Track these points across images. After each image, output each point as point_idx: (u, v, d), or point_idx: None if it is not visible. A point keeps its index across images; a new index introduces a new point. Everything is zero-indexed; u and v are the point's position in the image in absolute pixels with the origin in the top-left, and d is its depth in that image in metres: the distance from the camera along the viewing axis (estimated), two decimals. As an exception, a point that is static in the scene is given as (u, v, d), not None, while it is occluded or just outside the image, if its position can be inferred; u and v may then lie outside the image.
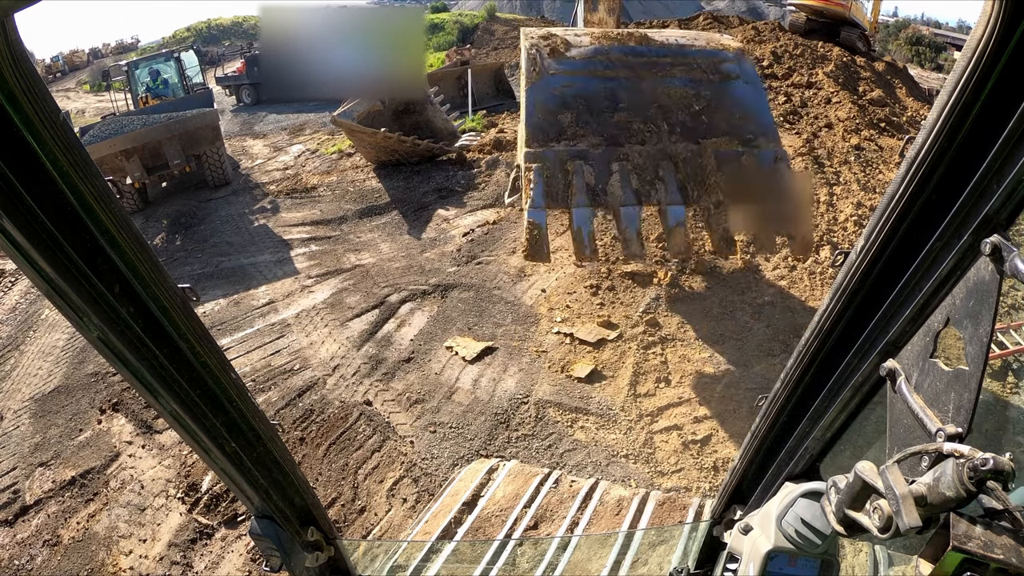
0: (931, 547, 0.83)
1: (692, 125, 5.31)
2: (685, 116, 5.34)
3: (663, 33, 6.27)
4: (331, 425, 6.89)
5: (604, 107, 5.24)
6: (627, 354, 7.48)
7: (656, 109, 5.33)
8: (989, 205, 0.82)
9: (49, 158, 0.82)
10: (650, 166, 5.12)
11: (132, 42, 49.17)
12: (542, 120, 5.10)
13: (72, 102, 30.80)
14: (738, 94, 5.50)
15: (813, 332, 1.21)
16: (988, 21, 0.74)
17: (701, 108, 5.39)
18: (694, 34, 6.10)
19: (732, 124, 5.38)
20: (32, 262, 0.87)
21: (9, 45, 0.72)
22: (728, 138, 5.32)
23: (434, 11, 36.22)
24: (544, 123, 5.09)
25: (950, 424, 0.89)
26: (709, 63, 5.57)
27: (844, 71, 14.74)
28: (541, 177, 4.98)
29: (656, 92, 5.38)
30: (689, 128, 5.30)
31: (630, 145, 5.16)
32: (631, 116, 5.24)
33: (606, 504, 4.36)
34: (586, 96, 5.23)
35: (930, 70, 29.11)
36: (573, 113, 5.15)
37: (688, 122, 5.32)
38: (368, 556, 2.64)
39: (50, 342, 9.35)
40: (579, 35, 5.77)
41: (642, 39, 5.67)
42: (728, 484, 1.67)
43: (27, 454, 7.00)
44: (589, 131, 5.11)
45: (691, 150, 5.20)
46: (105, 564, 5.53)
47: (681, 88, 5.40)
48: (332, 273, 10.33)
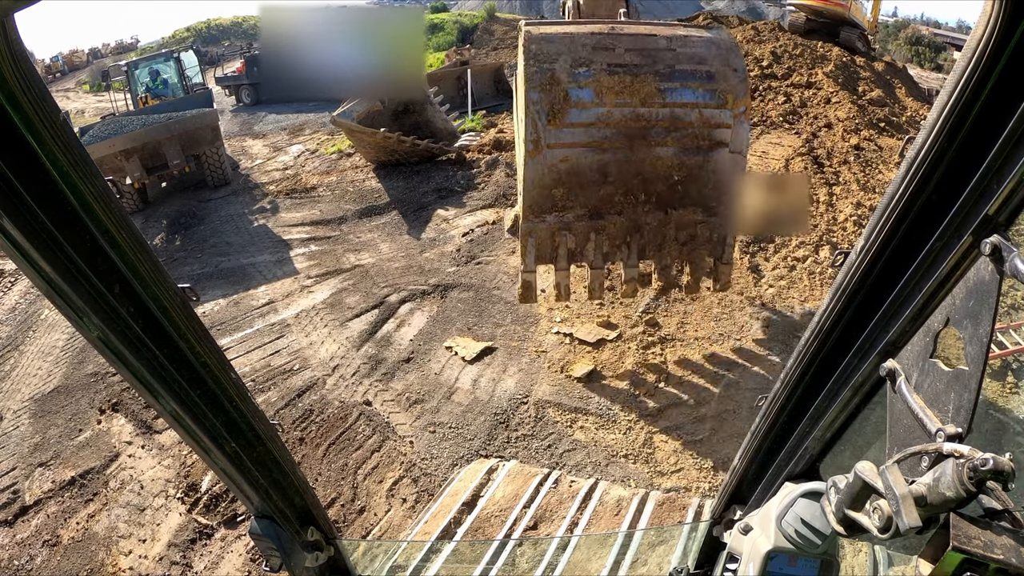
0: (931, 547, 0.83)
1: (667, 196, 6.05)
2: (663, 187, 6.02)
3: (676, 33, 6.22)
4: (331, 425, 6.89)
5: (593, 180, 5.94)
6: (627, 354, 7.48)
7: (638, 181, 5.99)
8: (989, 205, 0.82)
9: (49, 158, 0.82)
10: (620, 235, 6.08)
11: (132, 42, 49.18)
12: (538, 196, 5.83)
13: (72, 102, 30.81)
14: (719, 165, 6.03)
15: (813, 332, 1.21)
16: (988, 21, 0.74)
17: (680, 178, 6.03)
18: (715, 42, 6.05)
19: (703, 194, 6.09)
20: (32, 262, 0.87)
21: (9, 45, 0.72)
22: (693, 209, 6.11)
23: (434, 11, 36.25)
24: (540, 198, 5.84)
25: (950, 424, 0.89)
26: (704, 127, 5.91)
27: (844, 71, 14.75)
28: (534, 247, 5.97)
29: (643, 164, 5.96)
30: (663, 199, 6.05)
31: (609, 216, 6.02)
32: (615, 189, 5.96)
33: (606, 504, 4.37)
34: (579, 172, 5.90)
35: (930, 70, 29.14)
36: (565, 189, 5.89)
37: (664, 193, 6.03)
38: (368, 556, 2.64)
39: (50, 342, 9.35)
40: (582, 70, 5.84)
41: (648, 97, 5.78)
42: (728, 484, 1.67)
43: (27, 454, 7.00)
44: (577, 204, 5.93)
45: (658, 219, 6.06)
46: (105, 564, 5.53)
47: (669, 159, 5.97)
48: (332, 273, 10.33)
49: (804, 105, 13.06)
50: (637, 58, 5.75)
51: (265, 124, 22.02)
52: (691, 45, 5.93)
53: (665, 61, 5.78)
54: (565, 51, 5.68)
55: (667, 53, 5.83)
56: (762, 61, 14.67)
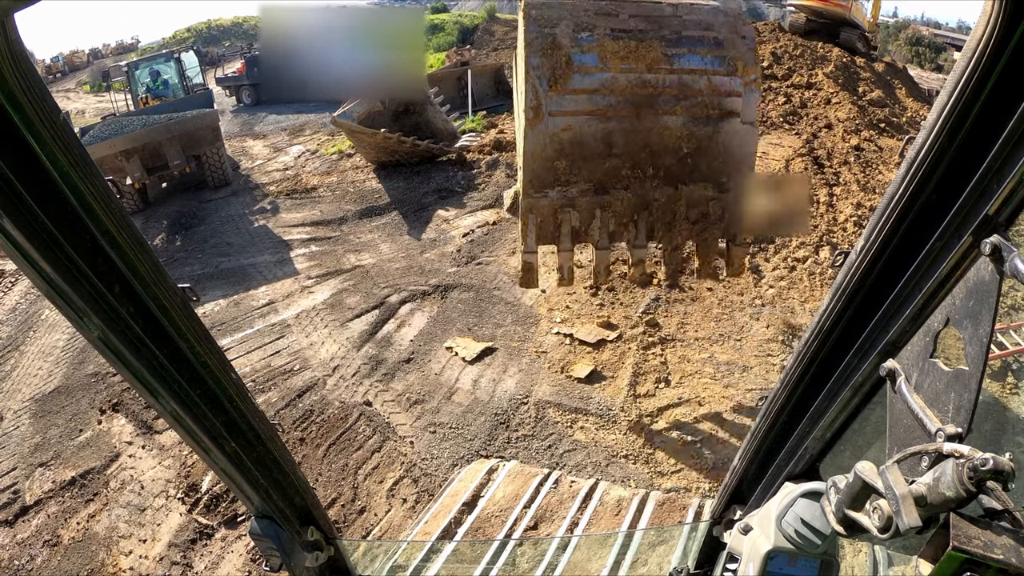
0: (931, 547, 0.83)
1: (676, 170, 5.60)
2: (672, 160, 5.57)
3: (682, 0, 5.90)
4: (331, 425, 6.89)
5: (598, 152, 5.48)
6: (627, 355, 7.48)
7: (646, 154, 5.54)
8: (989, 205, 0.82)
9: (49, 158, 0.82)
10: (628, 212, 5.61)
11: (132, 42, 49.20)
12: (539, 168, 5.40)
13: (72, 102, 30.82)
14: (730, 138, 5.66)
15: (813, 332, 1.21)
16: (988, 21, 0.74)
17: (690, 151, 5.60)
18: (722, 10, 5.77)
19: (713, 168, 5.68)
20: (32, 262, 0.87)
21: (9, 45, 0.72)
22: (704, 184, 5.68)
23: (434, 12, 36.23)
24: (541, 171, 5.41)
25: (950, 424, 0.89)
26: (714, 95, 5.55)
27: (844, 72, 14.75)
28: (535, 225, 5.52)
29: (651, 134, 5.53)
30: (672, 173, 5.60)
31: (615, 191, 5.54)
32: (622, 162, 5.51)
33: (606, 504, 4.37)
34: (582, 142, 5.45)
35: (930, 70, 29.13)
36: (568, 160, 5.43)
37: (673, 167, 5.59)
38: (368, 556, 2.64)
39: (50, 342, 9.35)
40: None
41: (654, 63, 5.46)
42: (728, 484, 1.67)
43: (27, 454, 7.00)
44: (581, 178, 5.46)
45: (667, 195, 5.59)
46: (105, 564, 5.53)
47: (677, 129, 5.54)
48: (332, 274, 10.33)
49: (804, 106, 13.06)
50: (642, 23, 5.48)
51: (265, 125, 22.03)
52: (697, 12, 5.67)
53: (671, 27, 5.52)
54: (567, 16, 5.44)
55: (673, 19, 5.57)
56: (762, 62, 14.67)
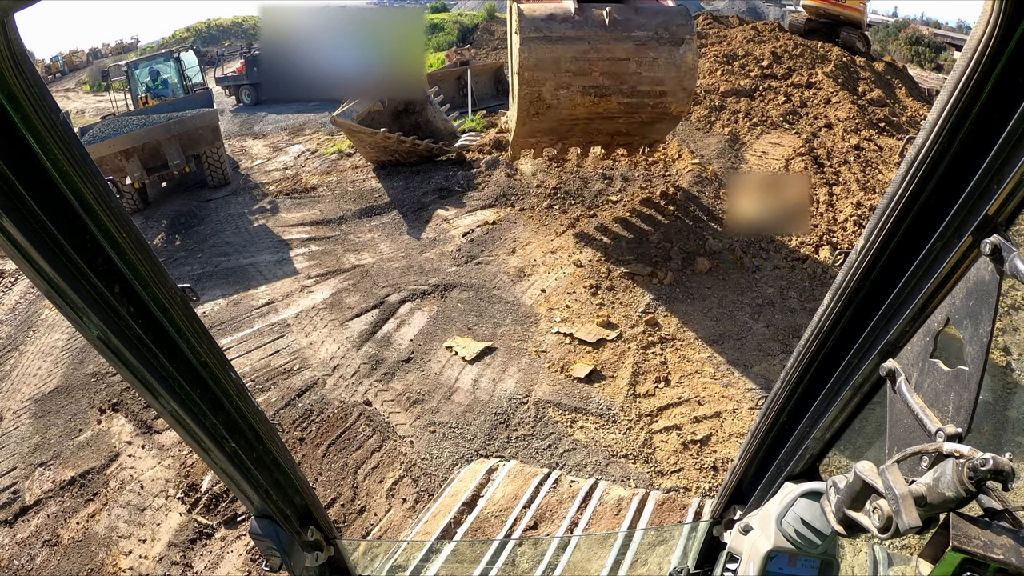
0: (931, 547, 0.83)
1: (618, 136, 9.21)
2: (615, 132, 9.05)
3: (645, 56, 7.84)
4: (331, 425, 6.89)
5: (565, 131, 9.02)
6: (626, 354, 7.48)
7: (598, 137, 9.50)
8: (989, 205, 0.82)
9: (49, 158, 0.82)
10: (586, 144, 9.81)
11: (132, 42, 49.19)
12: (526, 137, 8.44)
13: (72, 102, 30.81)
14: (656, 129, 8.97)
15: (813, 332, 1.21)
16: (988, 21, 0.74)
17: (627, 131, 8.96)
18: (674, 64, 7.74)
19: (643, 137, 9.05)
20: (32, 262, 0.87)
21: (9, 45, 0.72)
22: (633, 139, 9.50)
23: (434, 11, 36.20)
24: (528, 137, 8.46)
25: (950, 424, 0.89)
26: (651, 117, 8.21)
27: (844, 71, 14.74)
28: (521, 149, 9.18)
29: (601, 133, 9.12)
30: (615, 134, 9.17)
31: (576, 137, 9.40)
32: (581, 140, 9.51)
33: (606, 504, 4.37)
34: (555, 130, 8.62)
35: (930, 70, 29.11)
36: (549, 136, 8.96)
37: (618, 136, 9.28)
38: (368, 556, 2.64)
39: (50, 342, 9.35)
40: None
41: (610, 109, 7.89)
42: (728, 484, 1.67)
43: (27, 454, 7.00)
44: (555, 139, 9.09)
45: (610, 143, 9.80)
46: (105, 564, 5.53)
47: (621, 125, 8.56)
48: (332, 273, 10.33)
49: (804, 105, 13.05)
50: (607, 80, 7.46)
51: (265, 124, 22.01)
52: (655, 69, 7.53)
53: (630, 83, 7.51)
54: (551, 76, 7.39)
55: (633, 76, 7.47)
56: (762, 61, 14.67)
